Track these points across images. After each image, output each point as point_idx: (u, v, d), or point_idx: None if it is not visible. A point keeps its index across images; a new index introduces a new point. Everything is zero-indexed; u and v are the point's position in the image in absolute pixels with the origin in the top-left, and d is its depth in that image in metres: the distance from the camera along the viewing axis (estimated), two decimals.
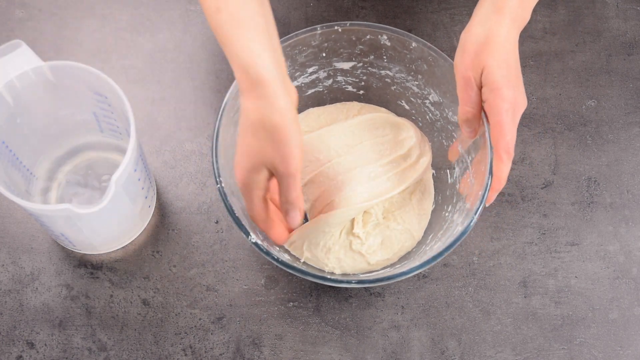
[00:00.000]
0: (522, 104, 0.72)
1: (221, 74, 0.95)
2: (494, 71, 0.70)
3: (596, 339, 0.85)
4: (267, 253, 0.73)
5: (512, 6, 0.72)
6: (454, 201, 0.81)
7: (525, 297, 0.86)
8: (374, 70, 0.86)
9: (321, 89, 0.89)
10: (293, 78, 0.85)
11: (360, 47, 0.83)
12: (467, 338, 0.85)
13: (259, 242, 0.74)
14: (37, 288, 0.85)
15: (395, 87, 0.87)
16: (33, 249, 0.86)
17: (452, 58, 0.76)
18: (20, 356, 0.82)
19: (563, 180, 0.92)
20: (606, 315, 0.86)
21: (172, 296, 0.85)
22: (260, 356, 0.83)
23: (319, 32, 0.81)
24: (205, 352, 0.83)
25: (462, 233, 0.73)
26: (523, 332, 0.85)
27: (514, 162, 0.91)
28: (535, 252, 0.88)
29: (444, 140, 0.86)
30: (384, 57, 0.84)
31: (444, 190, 0.85)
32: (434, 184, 0.87)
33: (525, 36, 0.98)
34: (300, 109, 0.89)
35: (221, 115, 0.77)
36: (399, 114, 0.89)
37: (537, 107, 0.95)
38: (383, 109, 0.89)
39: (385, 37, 0.81)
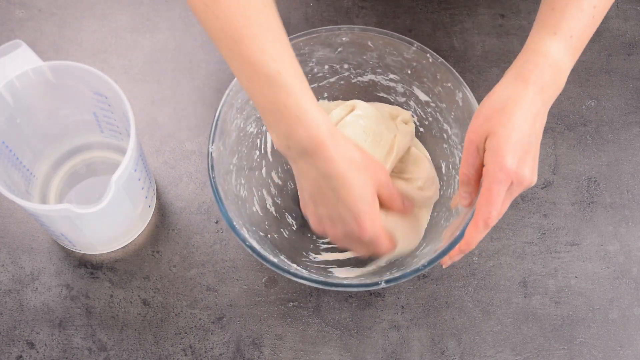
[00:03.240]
0: (524, 178, 0.67)
1: (221, 74, 0.95)
2: (499, 137, 0.67)
3: (596, 339, 0.85)
4: (264, 258, 0.73)
5: (539, 75, 0.68)
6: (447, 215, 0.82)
7: (525, 297, 0.86)
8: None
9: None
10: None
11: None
12: (467, 338, 0.85)
13: (254, 245, 0.74)
14: (37, 288, 0.85)
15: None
16: (33, 249, 0.86)
17: (452, 58, 0.76)
18: (20, 356, 0.82)
19: (563, 180, 0.92)
20: (606, 315, 0.86)
21: (172, 296, 0.85)
22: (260, 356, 0.83)
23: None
24: (205, 352, 0.83)
25: (420, 268, 0.73)
26: (523, 332, 0.85)
27: None
28: (535, 252, 0.88)
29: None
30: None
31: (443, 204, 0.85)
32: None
33: (526, 36, 0.97)
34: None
35: (218, 115, 0.77)
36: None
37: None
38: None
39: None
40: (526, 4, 1.00)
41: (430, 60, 0.81)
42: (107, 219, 0.78)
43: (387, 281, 0.73)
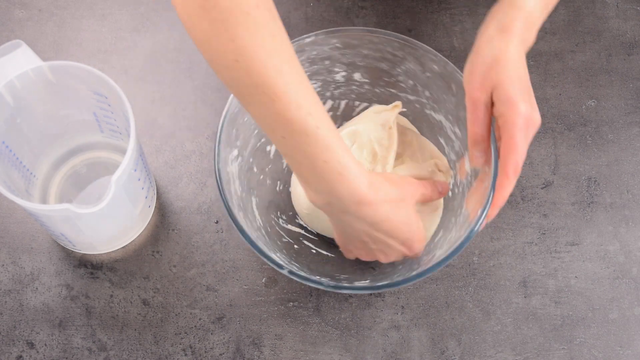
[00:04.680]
0: (536, 121, 0.70)
1: None
2: (507, 87, 0.69)
3: (596, 339, 0.85)
4: (266, 257, 0.73)
5: (518, 26, 0.71)
6: (458, 213, 0.81)
7: (525, 297, 0.86)
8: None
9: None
10: None
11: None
12: (467, 338, 0.85)
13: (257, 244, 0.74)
14: (37, 288, 0.85)
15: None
16: (33, 249, 0.86)
17: (452, 58, 0.76)
18: (20, 356, 0.82)
19: (563, 180, 0.92)
20: (606, 315, 0.86)
21: (172, 296, 0.85)
22: (260, 356, 0.83)
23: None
24: (205, 352, 0.83)
25: (460, 246, 0.73)
26: (523, 332, 0.85)
27: None
28: (535, 252, 0.88)
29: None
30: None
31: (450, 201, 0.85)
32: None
33: None
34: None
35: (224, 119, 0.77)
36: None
37: (537, 107, 0.95)
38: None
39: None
40: None
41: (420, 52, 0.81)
42: (107, 219, 0.78)
43: (397, 282, 0.74)
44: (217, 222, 0.88)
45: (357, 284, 0.77)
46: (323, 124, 0.63)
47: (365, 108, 0.89)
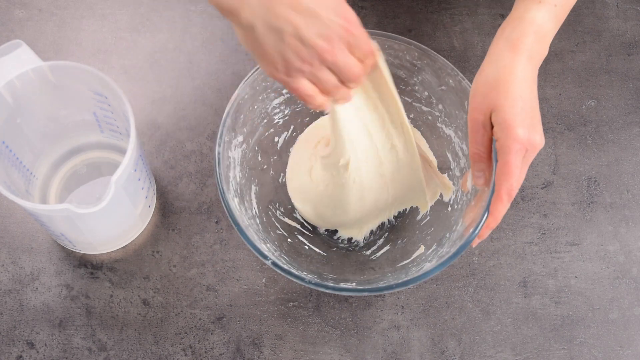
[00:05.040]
0: (537, 144, 0.69)
1: (221, 74, 0.95)
2: (505, 110, 0.68)
3: (596, 339, 0.85)
4: (252, 245, 0.73)
5: (528, 42, 0.69)
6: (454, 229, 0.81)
7: (525, 297, 0.86)
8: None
9: None
10: None
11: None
12: (467, 338, 0.85)
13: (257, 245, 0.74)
14: (37, 288, 0.85)
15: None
16: (33, 249, 0.86)
17: (452, 58, 0.76)
18: (20, 356, 0.82)
19: (563, 180, 0.92)
20: (606, 315, 0.86)
21: (172, 296, 0.85)
22: (260, 356, 0.83)
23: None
24: (205, 352, 0.83)
25: (448, 260, 0.73)
26: (523, 332, 0.85)
27: None
28: (535, 252, 0.88)
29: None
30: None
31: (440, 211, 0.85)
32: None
33: None
34: None
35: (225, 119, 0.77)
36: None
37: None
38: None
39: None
40: None
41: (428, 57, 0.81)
42: (107, 219, 0.78)
43: (398, 285, 0.73)
44: (217, 222, 0.88)
45: (343, 285, 0.77)
46: None
47: None
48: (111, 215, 0.78)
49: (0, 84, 0.73)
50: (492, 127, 0.70)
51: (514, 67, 0.69)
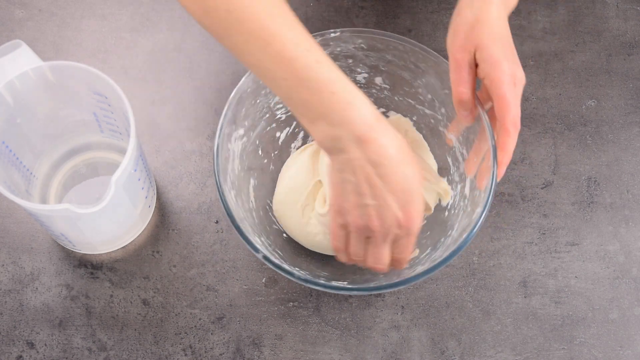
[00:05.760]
0: (521, 78, 0.72)
1: (221, 74, 0.95)
2: (489, 47, 0.70)
3: (596, 339, 0.85)
4: (245, 237, 0.73)
5: None
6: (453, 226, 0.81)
7: (525, 297, 0.86)
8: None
9: None
10: None
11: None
12: (467, 338, 0.85)
13: (258, 246, 0.74)
14: (37, 288, 0.85)
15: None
16: (33, 249, 0.86)
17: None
18: (20, 356, 0.82)
19: (563, 180, 0.92)
20: (606, 315, 0.86)
21: (172, 296, 0.85)
22: (260, 356, 0.83)
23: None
24: (205, 352, 0.83)
25: (475, 225, 0.72)
26: (523, 332, 0.85)
27: (514, 162, 0.91)
28: (535, 252, 0.88)
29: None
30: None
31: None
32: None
33: (525, 36, 0.98)
34: None
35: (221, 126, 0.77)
36: None
37: (537, 107, 0.95)
38: None
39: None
40: (526, 4, 1.00)
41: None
42: (107, 219, 0.78)
43: (389, 285, 0.73)
44: (217, 222, 0.88)
45: (334, 283, 0.77)
46: (323, 58, 0.64)
47: (383, 114, 0.88)
48: (111, 215, 0.78)
49: (0, 84, 0.73)
50: (476, 65, 0.72)
51: (490, 8, 0.71)
